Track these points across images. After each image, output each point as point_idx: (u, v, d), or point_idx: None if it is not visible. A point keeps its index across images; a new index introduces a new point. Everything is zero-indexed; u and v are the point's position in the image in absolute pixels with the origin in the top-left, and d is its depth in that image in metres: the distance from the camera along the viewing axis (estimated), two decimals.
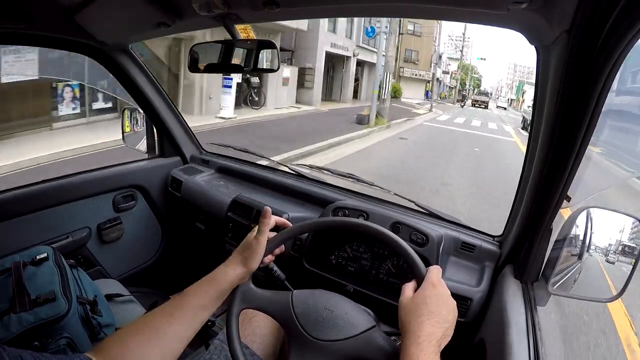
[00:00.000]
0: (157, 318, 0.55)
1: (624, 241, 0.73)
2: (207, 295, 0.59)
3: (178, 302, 0.57)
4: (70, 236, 1.26)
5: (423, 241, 0.92)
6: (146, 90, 1.35)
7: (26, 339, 0.76)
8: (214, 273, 0.62)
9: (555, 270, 0.74)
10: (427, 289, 0.59)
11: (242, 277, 0.63)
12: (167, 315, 0.56)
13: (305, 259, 1.04)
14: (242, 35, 0.86)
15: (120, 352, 0.50)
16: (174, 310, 0.56)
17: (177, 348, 0.55)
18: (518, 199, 0.86)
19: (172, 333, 0.55)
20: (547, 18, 0.52)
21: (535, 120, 0.71)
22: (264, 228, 0.65)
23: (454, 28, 48.04)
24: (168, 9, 0.78)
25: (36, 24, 0.87)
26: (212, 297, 0.59)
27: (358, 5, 0.73)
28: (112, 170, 1.41)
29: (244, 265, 0.63)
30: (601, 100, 0.54)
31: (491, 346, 0.71)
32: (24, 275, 0.86)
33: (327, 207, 1.07)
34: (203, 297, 0.59)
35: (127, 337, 0.52)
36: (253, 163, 1.56)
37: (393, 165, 6.10)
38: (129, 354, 0.50)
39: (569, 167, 0.63)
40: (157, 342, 0.53)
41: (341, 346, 0.61)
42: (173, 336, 0.55)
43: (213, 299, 0.60)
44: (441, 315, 0.56)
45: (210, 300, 0.59)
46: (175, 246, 1.64)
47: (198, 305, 0.58)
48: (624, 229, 0.73)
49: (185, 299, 0.58)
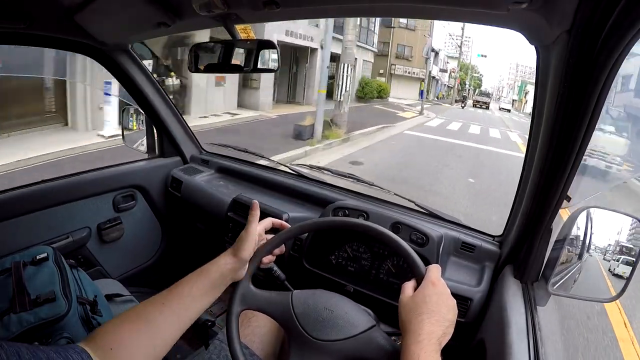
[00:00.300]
0: (149, 308, 0.56)
1: (623, 241, 0.73)
2: (196, 285, 0.59)
3: (169, 293, 0.58)
4: (70, 236, 1.26)
5: (423, 241, 0.92)
6: (146, 90, 1.35)
7: (26, 339, 0.76)
8: (205, 266, 0.62)
9: (555, 270, 0.74)
10: (427, 287, 0.59)
11: (233, 267, 0.63)
12: (158, 305, 0.56)
13: (305, 259, 1.04)
14: (242, 35, 0.86)
15: (112, 340, 0.50)
16: (165, 300, 0.57)
17: (169, 338, 0.56)
18: (518, 199, 0.87)
19: (163, 322, 0.55)
20: (547, 18, 0.53)
21: (535, 120, 0.71)
22: (251, 219, 0.67)
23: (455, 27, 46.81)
24: (168, 9, 0.78)
25: (36, 24, 0.87)
26: (201, 288, 0.60)
27: (358, 5, 0.73)
28: (112, 170, 1.41)
29: (234, 255, 0.63)
30: (601, 100, 0.54)
31: (491, 346, 0.71)
32: (24, 275, 0.86)
33: (327, 207, 1.07)
34: (192, 287, 0.59)
35: (119, 326, 0.53)
36: (253, 163, 1.56)
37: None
38: (121, 343, 0.51)
39: (569, 167, 0.63)
40: (148, 331, 0.54)
41: (341, 346, 0.61)
42: (164, 326, 0.55)
43: (203, 289, 0.60)
44: (441, 313, 0.56)
45: (199, 291, 0.60)
46: (175, 246, 1.64)
47: (188, 296, 0.58)
48: (624, 229, 0.73)
49: (175, 289, 0.59)
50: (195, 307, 0.59)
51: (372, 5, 0.74)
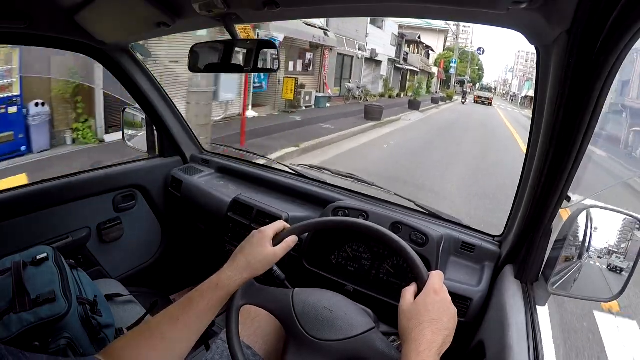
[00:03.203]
0: (164, 323, 0.56)
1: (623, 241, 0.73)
2: (212, 300, 0.59)
3: (184, 307, 0.58)
4: (71, 236, 1.26)
5: (423, 241, 0.92)
6: (146, 90, 1.35)
7: (26, 338, 0.76)
8: (219, 278, 0.61)
9: (555, 270, 0.74)
10: (429, 295, 0.58)
11: (247, 281, 0.64)
12: (173, 320, 0.56)
13: (305, 259, 1.04)
14: (242, 36, 0.86)
15: (129, 356, 0.52)
16: (180, 315, 0.57)
17: (184, 349, 0.57)
18: (518, 199, 0.87)
19: (177, 338, 0.56)
20: (547, 18, 0.52)
21: (535, 120, 0.71)
22: (286, 246, 0.67)
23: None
24: (168, 9, 0.78)
25: (36, 24, 0.87)
26: (217, 301, 0.60)
27: (358, 5, 0.73)
28: (112, 170, 1.41)
29: (251, 271, 0.63)
30: (601, 100, 0.54)
31: (491, 346, 0.71)
32: (24, 275, 0.86)
33: (327, 207, 1.07)
34: (209, 302, 0.59)
35: (136, 342, 0.54)
36: (253, 163, 1.56)
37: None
38: (138, 358, 0.52)
39: (569, 167, 0.63)
40: (163, 347, 0.54)
41: (339, 347, 0.61)
42: (179, 341, 0.56)
43: (219, 303, 0.60)
44: (442, 322, 0.55)
45: (215, 304, 0.60)
46: (175, 246, 1.64)
47: (204, 310, 0.59)
48: (624, 229, 0.73)
49: (190, 304, 0.58)
50: (208, 320, 0.60)
51: (372, 5, 0.74)
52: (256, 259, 0.63)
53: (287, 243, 0.67)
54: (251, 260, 0.63)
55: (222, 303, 0.61)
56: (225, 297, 0.61)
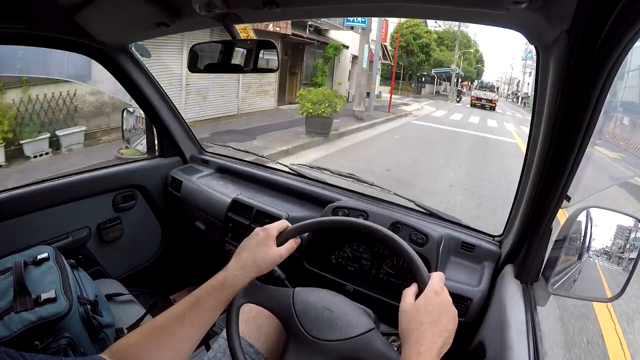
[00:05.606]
0: (170, 322, 0.56)
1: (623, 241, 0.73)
2: (218, 299, 0.59)
3: (190, 306, 0.58)
4: (71, 236, 1.26)
5: (423, 241, 0.92)
6: (146, 90, 1.35)
7: (27, 338, 0.77)
8: (225, 276, 0.61)
9: (555, 270, 0.74)
10: (430, 296, 0.58)
11: (252, 280, 0.64)
12: (179, 318, 0.56)
13: (305, 259, 1.04)
14: (242, 35, 0.86)
15: (135, 355, 0.52)
16: (185, 314, 0.57)
17: (189, 348, 0.57)
18: (518, 199, 0.86)
19: (183, 337, 0.56)
20: (547, 18, 0.52)
21: (535, 120, 0.71)
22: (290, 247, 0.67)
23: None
24: (168, 9, 0.78)
25: (36, 24, 0.87)
26: (223, 300, 0.60)
27: (358, 5, 0.73)
28: (112, 170, 1.41)
29: (257, 270, 0.63)
30: (601, 100, 0.54)
31: (491, 346, 0.71)
32: (25, 274, 0.86)
33: (327, 207, 1.07)
34: (215, 300, 0.59)
35: (142, 340, 0.54)
36: (253, 163, 1.56)
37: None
38: (144, 357, 0.52)
39: (568, 167, 0.63)
40: (169, 346, 0.54)
41: (338, 347, 0.61)
42: (185, 339, 0.56)
43: (225, 302, 0.60)
44: (443, 324, 0.55)
45: (221, 302, 0.60)
46: (175, 246, 1.64)
47: (210, 308, 0.59)
48: (624, 229, 0.73)
49: (196, 303, 0.58)
50: (214, 318, 0.60)
51: (372, 5, 0.74)
52: (262, 258, 0.63)
53: (290, 244, 0.67)
54: (257, 259, 0.63)
55: (227, 302, 0.61)
56: (231, 295, 0.61)
